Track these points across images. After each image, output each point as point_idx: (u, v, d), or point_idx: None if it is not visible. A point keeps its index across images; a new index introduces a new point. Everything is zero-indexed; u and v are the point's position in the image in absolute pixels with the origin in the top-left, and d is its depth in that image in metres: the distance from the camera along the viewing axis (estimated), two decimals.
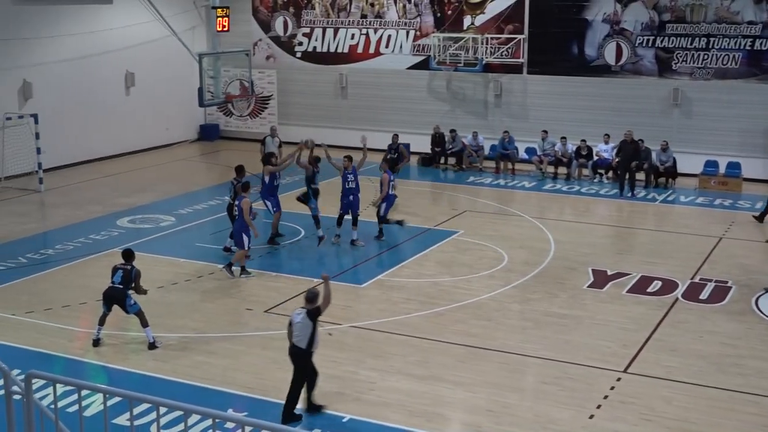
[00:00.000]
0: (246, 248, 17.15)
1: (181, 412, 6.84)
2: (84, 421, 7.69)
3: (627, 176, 24.76)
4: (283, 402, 11.39)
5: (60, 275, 17.37)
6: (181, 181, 26.36)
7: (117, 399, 9.10)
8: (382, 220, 19.70)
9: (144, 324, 13.65)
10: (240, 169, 18.77)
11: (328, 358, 13.24)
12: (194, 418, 10.71)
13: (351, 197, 19.30)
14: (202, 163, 30.37)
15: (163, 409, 7.13)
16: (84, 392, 7.72)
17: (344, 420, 11.39)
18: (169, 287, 16.57)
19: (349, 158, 19.48)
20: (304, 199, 19.68)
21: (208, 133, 33.53)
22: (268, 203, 19.39)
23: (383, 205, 19.65)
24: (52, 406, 7.75)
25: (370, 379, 12.60)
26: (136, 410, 10.74)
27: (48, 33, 26.94)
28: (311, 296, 11.39)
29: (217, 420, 6.75)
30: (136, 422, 10.77)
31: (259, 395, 12.09)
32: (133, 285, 13.72)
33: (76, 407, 7.83)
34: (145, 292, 13.98)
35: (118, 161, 29.22)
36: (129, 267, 13.74)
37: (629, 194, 24.49)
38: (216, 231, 19.99)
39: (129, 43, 29.68)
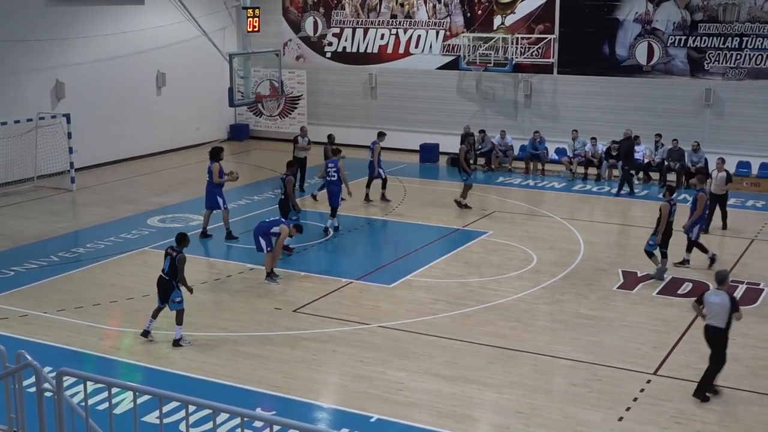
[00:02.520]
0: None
1: (210, 411, 6.88)
2: (114, 418, 7.75)
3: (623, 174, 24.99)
4: (310, 401, 11.38)
5: (91, 274, 17.52)
6: None
7: (147, 397, 9.15)
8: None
9: (178, 322, 13.76)
10: (290, 164, 19.25)
11: (356, 358, 13.27)
12: (223, 416, 10.75)
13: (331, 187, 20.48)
14: (232, 163, 30.38)
15: (192, 408, 7.17)
16: (114, 390, 7.78)
17: (372, 420, 11.39)
18: (199, 286, 16.64)
19: (335, 151, 21.35)
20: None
21: (238, 133, 33.70)
22: (221, 200, 19.64)
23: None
24: (83, 404, 7.82)
25: (398, 379, 12.60)
26: (166, 408, 10.81)
27: (80, 33, 27.21)
28: (723, 277, 11.99)
29: (245, 419, 6.77)
30: (166, 420, 10.85)
31: (288, 394, 12.11)
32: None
33: (106, 405, 7.89)
34: (188, 288, 13.90)
35: (149, 161, 29.45)
36: (175, 253, 13.63)
37: (627, 191, 24.42)
38: (245, 230, 20.05)
39: (160, 44, 29.90)
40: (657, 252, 17.05)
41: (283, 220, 17.03)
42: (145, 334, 13.99)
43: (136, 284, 16.76)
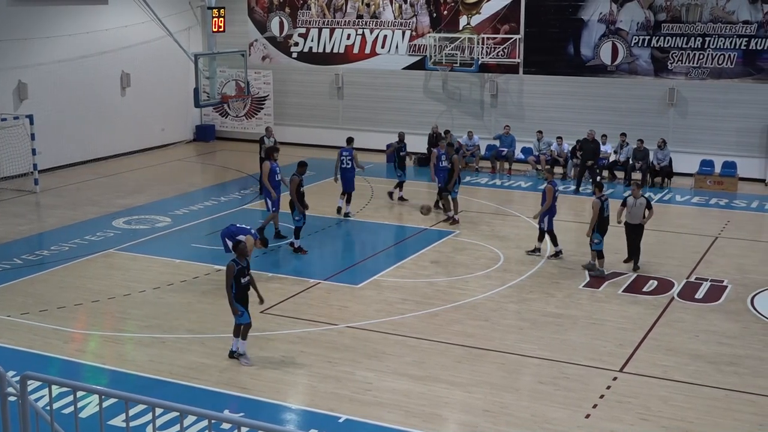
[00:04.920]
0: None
1: (177, 413, 6.82)
2: (80, 422, 7.67)
3: (585, 173, 25.22)
4: (278, 402, 11.35)
5: (55, 276, 17.33)
6: (176, 181, 26.33)
7: (113, 400, 9.05)
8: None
9: (241, 335, 13.12)
10: (301, 164, 19.02)
11: (324, 359, 13.24)
12: (190, 419, 10.68)
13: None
14: (198, 164, 30.35)
15: (159, 410, 7.11)
16: (80, 394, 7.70)
17: (340, 420, 11.38)
18: (165, 288, 16.56)
19: (349, 140, 22.42)
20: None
21: (204, 133, 33.51)
22: (268, 201, 19.53)
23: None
24: (48, 408, 7.72)
25: (367, 379, 12.59)
26: (132, 411, 10.72)
27: (43, 33, 26.91)
28: None
29: (213, 421, 6.73)
30: (132, 423, 10.75)
31: (256, 396, 12.06)
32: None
33: (71, 409, 7.81)
34: (230, 304, 12.89)
35: (114, 162, 29.20)
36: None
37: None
38: (211, 231, 19.94)
39: (125, 44, 29.65)
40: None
41: (252, 231, 16.82)
42: (231, 354, 13.23)
43: (101, 287, 16.62)
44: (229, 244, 16.69)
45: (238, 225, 17.05)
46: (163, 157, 30.51)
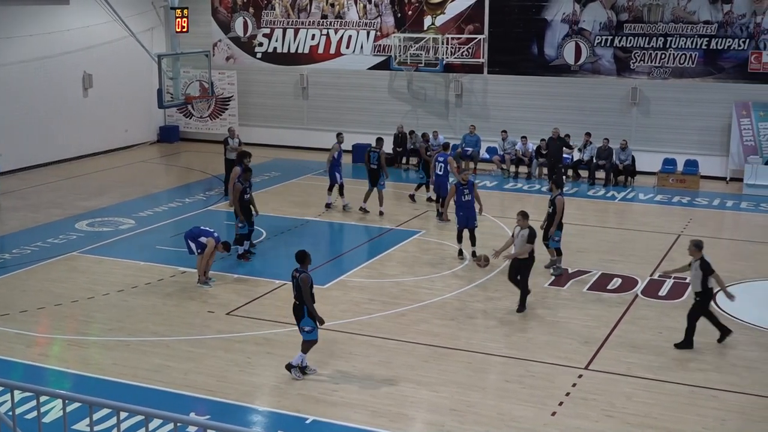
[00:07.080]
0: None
1: (142, 417, 6.78)
2: (43, 427, 7.59)
3: (554, 172, 25.07)
4: (245, 404, 11.29)
5: (17, 280, 17.12)
6: (140, 183, 26.11)
7: (76, 404, 8.98)
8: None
9: (303, 350, 12.69)
10: (246, 169, 18.46)
11: (291, 360, 13.19)
12: (156, 422, 10.59)
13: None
14: (162, 165, 30.14)
15: (123, 414, 7.06)
16: (43, 398, 7.62)
17: (307, 421, 11.36)
18: (129, 291, 16.42)
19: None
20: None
21: (168, 134, 33.26)
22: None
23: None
24: (10, 413, 7.63)
25: (333, 380, 12.58)
26: (96, 415, 10.61)
27: (3, 34, 26.57)
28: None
29: (178, 424, 6.70)
30: (97, 428, 10.67)
31: (221, 398, 12.00)
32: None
33: (34, 413, 7.73)
34: (316, 317, 12.52)
35: (77, 164, 28.89)
36: (297, 274, 12.50)
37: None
38: (176, 234, 19.81)
39: (86, 44, 29.35)
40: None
41: (215, 234, 16.72)
42: (302, 370, 12.70)
43: (64, 290, 16.44)
44: (193, 246, 16.60)
45: (201, 227, 16.96)
46: (127, 158, 30.25)
